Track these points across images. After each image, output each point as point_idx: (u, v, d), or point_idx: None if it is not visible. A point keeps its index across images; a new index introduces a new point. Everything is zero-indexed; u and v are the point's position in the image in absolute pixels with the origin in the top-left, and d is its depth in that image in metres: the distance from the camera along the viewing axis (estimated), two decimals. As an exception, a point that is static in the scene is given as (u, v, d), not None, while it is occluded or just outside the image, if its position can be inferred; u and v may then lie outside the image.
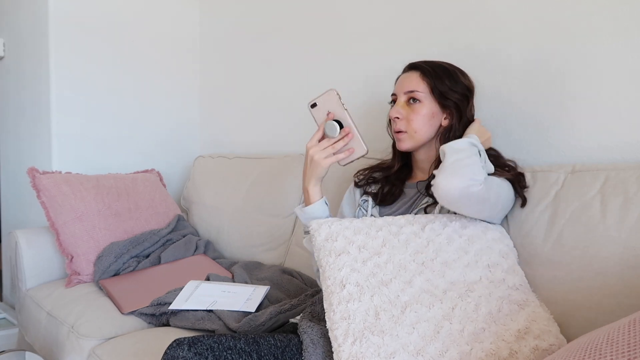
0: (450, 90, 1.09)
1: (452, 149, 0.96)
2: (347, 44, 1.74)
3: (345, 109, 1.01)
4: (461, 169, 0.92)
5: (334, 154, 1.04)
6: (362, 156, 1.02)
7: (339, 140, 1.02)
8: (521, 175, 1.10)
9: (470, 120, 1.13)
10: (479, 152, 0.98)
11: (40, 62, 2.02)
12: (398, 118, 1.11)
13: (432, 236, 0.97)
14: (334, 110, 1.02)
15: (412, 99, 1.10)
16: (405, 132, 1.11)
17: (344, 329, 0.84)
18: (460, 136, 1.10)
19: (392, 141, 1.25)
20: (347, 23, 1.73)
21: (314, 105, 1.05)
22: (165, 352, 0.87)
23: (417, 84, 1.10)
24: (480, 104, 1.17)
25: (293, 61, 1.94)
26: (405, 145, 1.12)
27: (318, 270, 1.17)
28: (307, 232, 1.16)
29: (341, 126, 1.02)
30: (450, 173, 0.92)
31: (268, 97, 2.07)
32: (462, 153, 0.94)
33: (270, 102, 2.06)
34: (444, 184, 0.92)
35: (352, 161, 1.03)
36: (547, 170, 1.13)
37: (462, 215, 1.02)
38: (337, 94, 1.02)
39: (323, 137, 1.05)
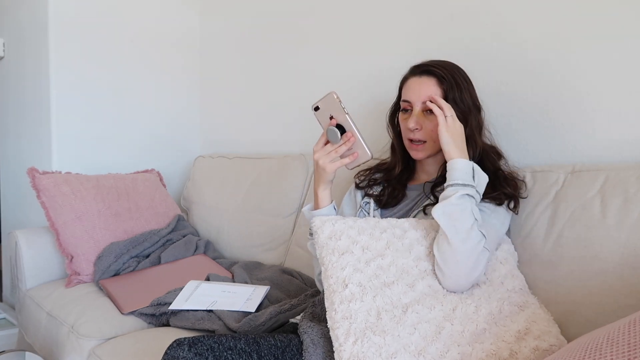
0: (462, 100, 1.07)
1: (444, 214, 0.92)
2: (347, 44, 1.74)
3: (347, 113, 0.99)
4: (465, 261, 0.92)
5: (340, 157, 1.02)
6: (367, 161, 1.01)
7: (341, 145, 1.00)
8: (520, 190, 1.09)
9: (479, 141, 1.09)
10: (474, 189, 0.95)
11: (40, 62, 2.02)
12: (418, 129, 1.08)
13: (435, 245, 0.97)
14: (336, 114, 1.00)
15: (430, 110, 1.06)
16: (425, 142, 1.09)
17: (346, 329, 0.84)
18: (469, 145, 1.07)
19: (390, 141, 1.25)
20: (348, 23, 1.73)
21: (316, 109, 1.03)
22: (166, 352, 0.87)
23: (435, 92, 1.06)
24: (481, 102, 1.17)
25: (293, 61, 1.94)
26: (421, 155, 1.11)
27: (320, 273, 1.17)
28: (312, 235, 1.15)
29: (344, 130, 1.00)
30: (453, 274, 0.92)
31: (268, 97, 2.07)
32: (459, 223, 0.92)
33: (271, 102, 2.06)
34: (454, 284, 0.93)
35: (358, 165, 1.02)
36: (547, 170, 1.13)
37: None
38: (337, 97, 0.99)
39: (328, 141, 1.03)
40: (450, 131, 0.98)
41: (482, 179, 0.98)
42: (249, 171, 1.90)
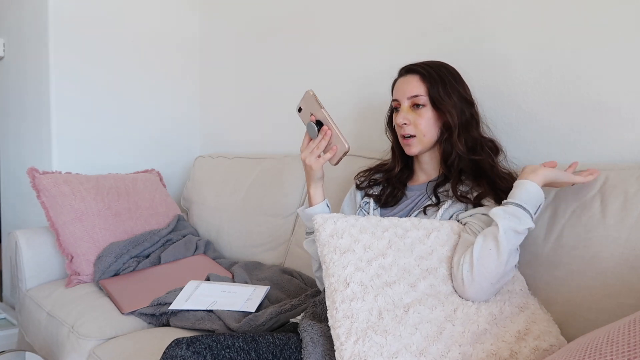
0: (447, 95, 1.08)
1: (506, 232, 0.90)
2: (346, 45, 1.74)
3: (322, 108, 1.02)
4: (495, 281, 0.91)
5: (324, 152, 1.05)
6: (346, 153, 1.03)
7: (321, 140, 1.03)
8: None
9: (474, 133, 1.11)
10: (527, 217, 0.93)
11: (40, 62, 2.02)
12: (406, 124, 1.10)
13: (436, 245, 0.97)
14: (314, 111, 1.03)
15: (416, 105, 1.10)
16: (415, 136, 1.10)
17: (347, 328, 0.84)
18: (458, 139, 1.07)
19: (391, 143, 1.25)
20: (347, 24, 1.73)
21: (300, 110, 1.07)
22: (165, 352, 0.87)
23: (419, 87, 1.09)
24: (482, 102, 1.17)
25: (293, 61, 1.94)
26: (414, 150, 1.12)
27: (318, 270, 1.17)
28: (308, 234, 1.16)
29: (321, 126, 1.03)
30: (481, 288, 0.91)
31: (268, 97, 2.07)
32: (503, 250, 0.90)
33: (270, 102, 2.06)
34: (473, 296, 0.92)
35: (339, 159, 1.04)
36: (547, 171, 1.13)
37: (466, 224, 1.02)
38: (313, 94, 1.03)
39: (311, 140, 1.06)
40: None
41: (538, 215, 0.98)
42: (249, 171, 1.90)
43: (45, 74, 1.99)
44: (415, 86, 1.10)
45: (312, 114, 1.04)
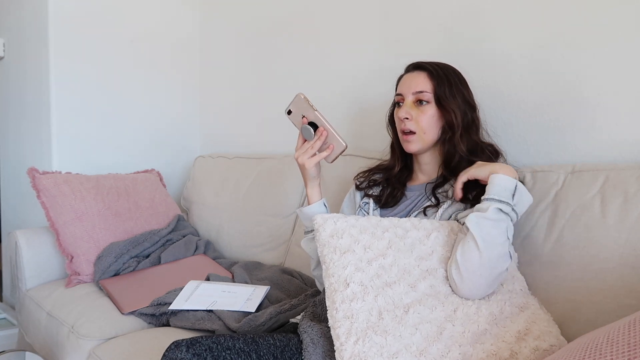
0: (452, 95, 1.09)
1: (478, 225, 0.90)
2: (346, 45, 1.74)
3: (315, 110, 1.04)
4: (487, 273, 0.90)
5: (318, 152, 1.06)
6: (343, 151, 1.04)
7: (316, 140, 1.05)
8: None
9: (474, 137, 1.11)
10: (511, 207, 0.93)
11: (40, 62, 2.02)
12: (407, 119, 1.10)
13: (436, 246, 0.97)
14: (307, 113, 1.05)
15: (420, 101, 1.10)
16: (415, 132, 1.10)
17: (347, 328, 0.84)
18: (460, 140, 1.08)
19: (390, 141, 1.25)
20: (346, 24, 1.73)
21: (289, 112, 1.08)
22: (164, 355, 0.87)
23: (425, 84, 1.09)
24: (481, 102, 1.17)
25: (293, 61, 1.94)
26: (413, 147, 1.11)
27: (315, 268, 1.18)
28: (306, 233, 1.16)
29: (316, 127, 1.05)
30: (472, 283, 0.90)
31: (268, 97, 2.07)
32: (492, 236, 0.90)
33: (270, 102, 2.06)
34: (468, 293, 0.91)
35: (336, 157, 1.06)
36: (547, 170, 1.13)
37: (466, 225, 1.02)
38: (304, 97, 1.05)
39: (305, 142, 1.08)
40: None
41: (525, 199, 0.98)
42: (249, 171, 1.90)
43: (45, 74, 1.99)
44: (422, 82, 1.10)
45: (304, 117, 1.06)
